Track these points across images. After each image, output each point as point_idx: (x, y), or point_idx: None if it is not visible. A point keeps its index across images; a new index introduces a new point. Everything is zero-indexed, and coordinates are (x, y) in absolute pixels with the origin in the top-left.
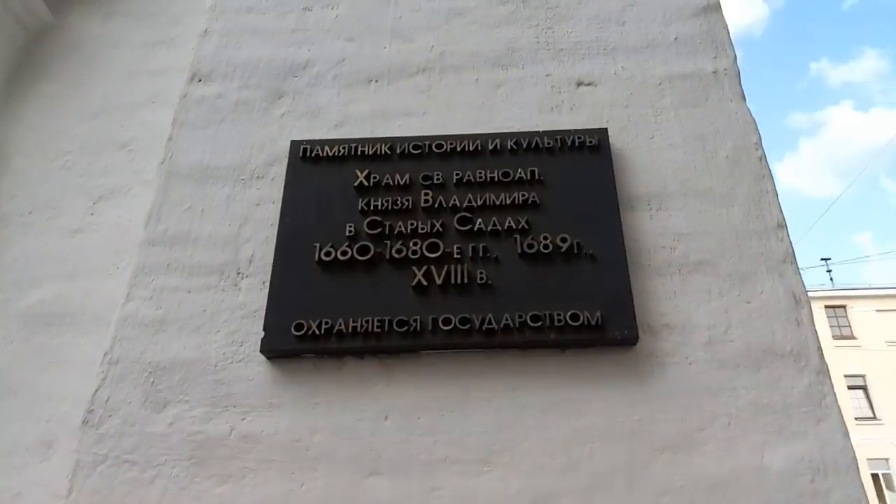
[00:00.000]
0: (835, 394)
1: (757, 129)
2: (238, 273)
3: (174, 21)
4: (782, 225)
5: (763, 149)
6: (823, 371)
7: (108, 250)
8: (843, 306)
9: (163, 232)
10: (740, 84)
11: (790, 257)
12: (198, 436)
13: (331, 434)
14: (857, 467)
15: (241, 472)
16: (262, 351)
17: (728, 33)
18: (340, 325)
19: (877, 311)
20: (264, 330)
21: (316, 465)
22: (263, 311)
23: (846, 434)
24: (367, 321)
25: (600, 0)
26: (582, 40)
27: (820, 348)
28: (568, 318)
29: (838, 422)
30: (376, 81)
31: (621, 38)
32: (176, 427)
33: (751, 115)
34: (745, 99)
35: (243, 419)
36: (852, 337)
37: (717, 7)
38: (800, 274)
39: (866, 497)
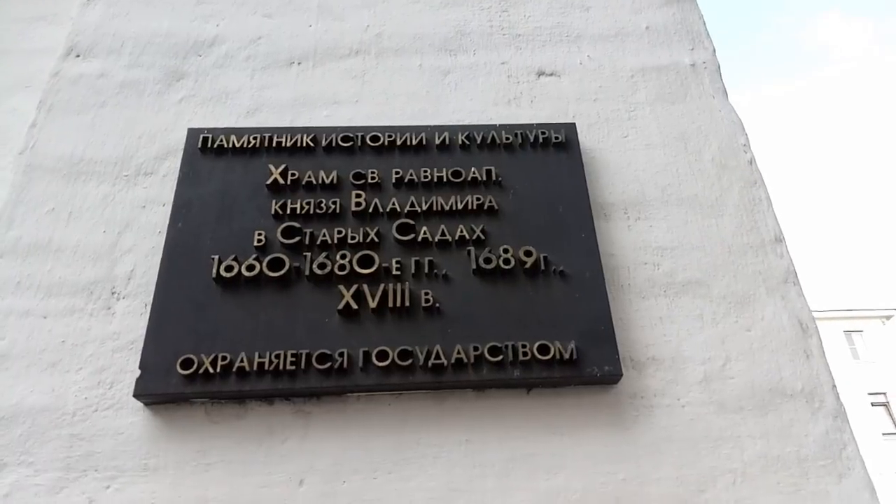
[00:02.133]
0: (856, 442)
1: (744, 130)
2: (113, 293)
3: None
4: (780, 239)
5: (752, 151)
6: (841, 415)
7: None
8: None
9: (14, 240)
10: (721, 79)
11: (792, 276)
12: None
13: None
14: None
15: None
16: (136, 395)
17: (704, 24)
18: (242, 360)
19: None
20: (141, 367)
21: None
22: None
23: (873, 492)
24: (277, 356)
25: None
26: (542, 26)
27: (835, 386)
28: (535, 350)
29: (863, 479)
30: (299, 64)
31: (586, 24)
32: (13, 500)
33: (736, 113)
34: (727, 95)
35: (108, 487)
36: None
37: None
38: (804, 296)
39: None
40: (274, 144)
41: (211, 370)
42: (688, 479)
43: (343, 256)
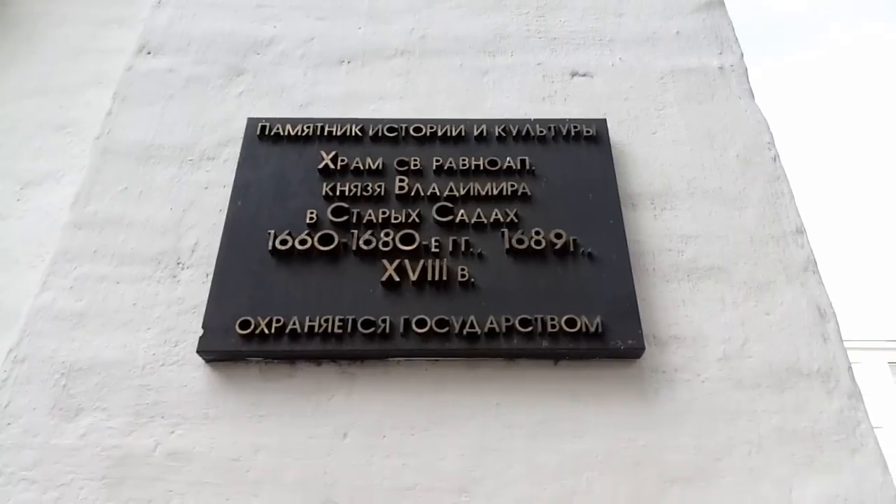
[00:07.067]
0: (870, 421)
1: (769, 128)
2: (178, 263)
3: None
4: (801, 230)
5: (776, 149)
6: (856, 395)
7: (33, 240)
8: None
9: (92, 214)
10: (748, 81)
11: (812, 265)
12: (115, 451)
13: (277, 453)
14: None
15: (166, 496)
16: (199, 352)
17: (733, 30)
18: (294, 323)
19: None
20: (203, 327)
21: (258, 489)
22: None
23: (885, 468)
24: (326, 320)
25: None
26: (576, 30)
27: (850, 368)
28: (563, 323)
29: (876, 454)
30: (348, 62)
31: (619, 29)
32: (89, 440)
33: (761, 113)
34: (754, 97)
35: (172, 432)
36: None
37: (721, 3)
38: (823, 284)
39: None
40: (325, 133)
41: (266, 331)
42: (705, 447)
43: (387, 234)
